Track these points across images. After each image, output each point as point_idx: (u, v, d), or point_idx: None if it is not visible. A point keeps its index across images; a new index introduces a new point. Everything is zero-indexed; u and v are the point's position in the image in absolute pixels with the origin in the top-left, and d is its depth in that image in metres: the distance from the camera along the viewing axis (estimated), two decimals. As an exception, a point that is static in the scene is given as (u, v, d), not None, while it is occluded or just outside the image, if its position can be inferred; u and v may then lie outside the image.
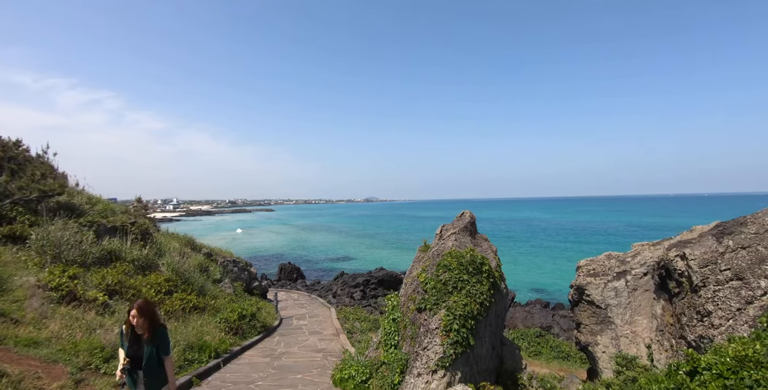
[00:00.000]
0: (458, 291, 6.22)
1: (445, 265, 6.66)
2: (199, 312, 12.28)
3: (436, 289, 6.34)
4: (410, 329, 6.53)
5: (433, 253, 7.57)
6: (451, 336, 5.53)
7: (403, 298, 7.66)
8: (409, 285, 7.80)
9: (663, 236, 10.28)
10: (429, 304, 6.24)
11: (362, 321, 16.03)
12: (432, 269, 6.98)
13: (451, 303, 6.02)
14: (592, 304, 9.21)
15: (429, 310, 6.21)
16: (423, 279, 6.87)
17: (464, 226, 8.35)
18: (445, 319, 5.73)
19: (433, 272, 6.86)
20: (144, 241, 15.47)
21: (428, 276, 6.82)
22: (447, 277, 6.43)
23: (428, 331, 5.90)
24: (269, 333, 13.80)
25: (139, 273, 13.23)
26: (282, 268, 44.62)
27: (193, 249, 19.12)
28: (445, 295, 6.17)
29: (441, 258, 7.02)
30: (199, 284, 14.17)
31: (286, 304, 21.29)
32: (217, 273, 17.26)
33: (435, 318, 5.96)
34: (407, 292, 7.62)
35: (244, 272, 21.00)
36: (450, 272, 6.50)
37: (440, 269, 6.68)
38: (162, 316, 11.08)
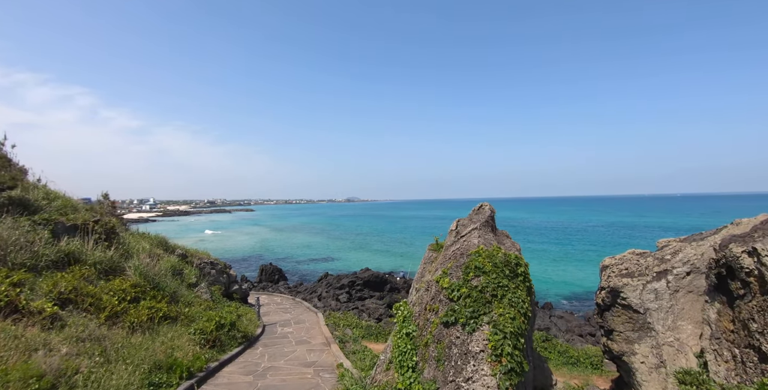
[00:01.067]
0: (499, 300, 4.95)
1: (477, 266, 5.37)
2: (170, 322, 10.72)
3: (471, 297, 5.04)
4: (434, 348, 5.22)
5: (453, 253, 6.27)
6: (504, 362, 4.26)
7: (418, 307, 6.34)
8: (423, 291, 6.48)
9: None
10: (462, 317, 4.94)
11: (354, 327, 14.65)
12: (457, 272, 5.68)
13: (496, 316, 4.74)
14: (629, 308, 8.07)
15: (464, 325, 4.91)
16: (447, 284, 5.56)
17: (485, 220, 7.09)
18: (492, 339, 4.45)
19: (460, 276, 5.56)
20: (109, 241, 13.74)
21: (455, 281, 5.52)
22: (483, 282, 5.14)
23: (467, 353, 4.59)
24: (251, 343, 12.28)
25: (102, 278, 11.58)
26: (263, 270, 42.76)
27: (166, 250, 17.40)
28: (483, 305, 4.89)
29: (468, 258, 5.73)
30: (171, 290, 12.57)
31: (269, 309, 19.70)
32: (193, 276, 15.61)
33: (476, 337, 4.66)
34: (423, 300, 6.30)
35: (223, 275, 19.34)
36: (486, 276, 5.22)
37: (471, 272, 5.39)
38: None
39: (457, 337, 4.94)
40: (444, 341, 5.10)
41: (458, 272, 5.69)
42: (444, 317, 5.21)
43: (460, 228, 7.22)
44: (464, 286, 5.28)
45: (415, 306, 6.47)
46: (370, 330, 14.07)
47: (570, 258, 60.89)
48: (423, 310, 6.10)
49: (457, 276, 5.63)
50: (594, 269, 49.47)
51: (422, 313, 6.08)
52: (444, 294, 5.57)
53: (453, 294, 5.35)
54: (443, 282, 5.70)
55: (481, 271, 5.33)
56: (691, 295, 7.84)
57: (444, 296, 5.56)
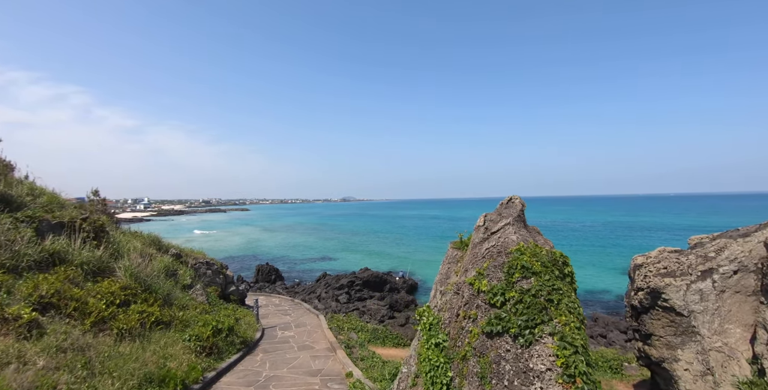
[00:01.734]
0: (555, 306, 4.17)
1: (524, 266, 4.59)
2: (163, 328, 9.88)
3: (524, 303, 4.25)
4: (476, 363, 4.43)
5: (488, 251, 5.48)
6: (580, 384, 3.48)
7: (447, 313, 5.55)
8: (452, 295, 5.69)
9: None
10: (513, 326, 4.15)
11: (359, 331, 13.84)
12: (496, 273, 4.90)
13: (560, 326, 3.96)
14: (671, 311, 7.33)
15: (516, 336, 4.12)
16: (487, 287, 4.78)
17: (517, 215, 6.32)
18: (561, 355, 3.66)
19: (501, 277, 4.78)
20: (98, 240, 12.86)
21: (496, 283, 4.74)
22: (535, 285, 4.36)
23: (527, 372, 3.80)
24: (250, 349, 11.46)
25: (90, 279, 10.73)
26: (259, 270, 41.84)
27: (159, 249, 16.51)
28: (539, 312, 4.11)
29: (509, 257, 4.95)
30: (164, 292, 11.73)
31: (267, 310, 18.86)
32: (188, 277, 14.75)
33: (537, 351, 3.87)
34: (453, 305, 5.51)
35: (219, 275, 18.48)
36: (537, 278, 4.44)
37: (516, 273, 4.60)
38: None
39: (507, 350, 4.16)
40: (488, 355, 4.32)
41: (498, 273, 4.90)
42: (487, 326, 4.43)
43: (489, 224, 6.44)
44: (511, 289, 4.49)
45: (443, 312, 5.68)
46: (376, 334, 13.28)
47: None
48: (454, 317, 5.32)
49: (497, 278, 4.84)
50: (594, 269, 48.92)
51: (454, 321, 5.30)
52: (483, 298, 4.79)
53: (495, 299, 4.56)
54: (480, 284, 4.92)
55: (529, 272, 4.54)
56: (738, 295, 7.12)
57: (483, 301, 4.78)
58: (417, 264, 55.85)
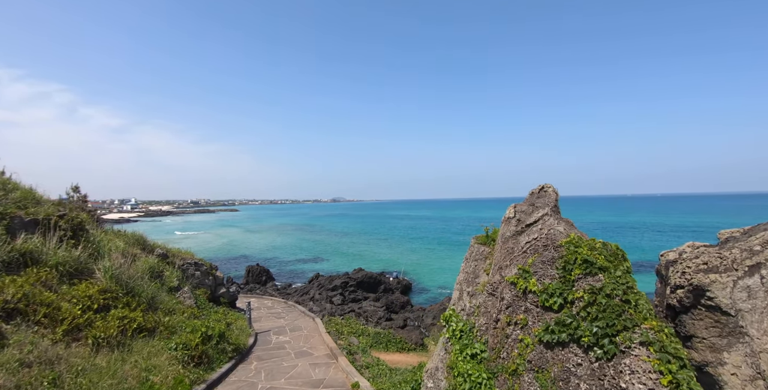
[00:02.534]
0: (635, 308, 3.39)
1: (587, 260, 3.80)
2: (146, 335, 8.92)
3: (598, 305, 3.47)
4: (533, 379, 3.63)
5: (529, 245, 4.68)
6: None
7: (483, 318, 4.74)
8: (486, 297, 4.87)
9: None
10: (585, 334, 3.37)
11: (359, 335, 12.97)
12: (547, 269, 4.11)
13: (654, 334, 3.17)
14: (716, 309, 6.55)
15: (590, 346, 3.33)
16: (537, 287, 3.99)
17: (554, 204, 5.53)
18: (666, 370, 2.87)
19: (555, 275, 3.99)
20: (76, 239, 11.83)
21: (549, 282, 3.93)
22: (607, 283, 3.56)
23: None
24: (243, 357, 10.53)
25: (66, 282, 9.72)
26: (250, 271, 40.66)
27: (144, 249, 15.46)
28: (618, 316, 3.31)
29: (560, 251, 4.14)
30: (148, 295, 10.73)
31: (260, 313, 17.88)
32: (174, 279, 13.75)
33: (629, 366, 3.06)
34: (490, 308, 4.70)
35: (209, 277, 17.45)
36: (608, 275, 3.66)
37: (576, 268, 3.83)
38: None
39: (577, 364, 3.36)
40: (550, 370, 3.52)
41: (549, 270, 4.10)
42: (545, 335, 3.63)
43: (521, 215, 5.62)
44: (571, 288, 3.68)
45: (476, 317, 4.86)
46: (379, 338, 12.43)
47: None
48: (493, 323, 4.50)
49: (549, 275, 4.04)
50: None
51: (493, 327, 4.48)
52: (532, 300, 3.98)
53: (552, 301, 3.77)
54: (527, 284, 4.12)
55: (595, 268, 3.75)
56: (789, 292, 6.41)
57: (533, 304, 3.97)
58: (410, 264, 55.09)
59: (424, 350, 12.20)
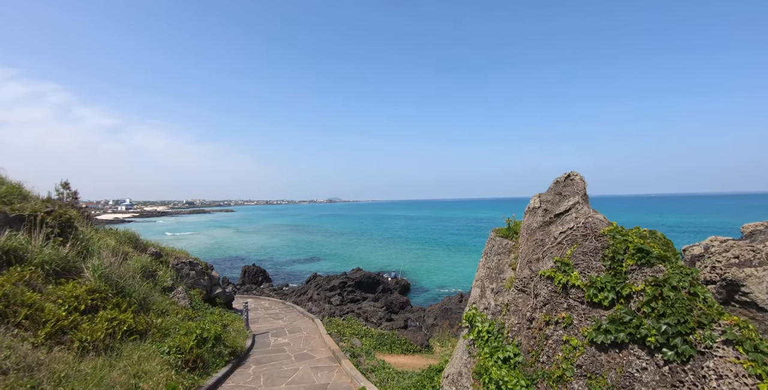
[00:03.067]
0: (704, 302, 2.89)
1: (641, 249, 3.32)
2: (137, 338, 8.34)
3: (666, 299, 2.96)
4: (584, 386, 3.12)
5: (565, 235, 4.17)
6: None
7: (514, 317, 4.22)
8: (516, 294, 4.36)
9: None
10: (649, 332, 2.86)
11: (362, 336, 12.42)
12: (592, 260, 3.62)
13: (738, 331, 2.67)
14: (752, 305, 6.05)
15: (656, 348, 2.82)
16: (581, 281, 3.50)
17: (584, 193, 5.02)
18: (764, 375, 2.37)
19: (601, 266, 3.48)
20: (65, 236, 11.26)
21: (596, 275, 3.43)
22: (670, 274, 3.06)
23: None
24: (241, 360, 9.96)
25: (52, 281, 9.13)
26: (246, 271, 40.00)
27: (137, 248, 14.87)
28: (689, 312, 2.80)
29: (603, 240, 3.65)
30: (140, 295, 10.15)
31: (257, 314, 17.30)
32: (168, 279, 13.15)
33: (713, 369, 2.56)
34: (522, 306, 4.19)
35: (204, 276, 16.85)
36: (669, 265, 3.16)
37: (628, 259, 3.33)
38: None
39: (642, 368, 2.86)
40: (606, 375, 3.02)
41: (594, 261, 3.60)
42: (598, 335, 3.14)
43: (548, 205, 5.11)
44: (624, 281, 3.18)
45: (506, 316, 4.34)
46: (383, 339, 11.89)
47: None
48: (526, 323, 3.99)
49: (595, 267, 3.54)
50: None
51: (527, 327, 3.97)
52: (576, 296, 3.48)
53: (602, 296, 3.27)
54: (568, 278, 3.62)
55: (653, 258, 3.25)
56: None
57: (577, 300, 3.47)
58: (407, 264, 54.59)
59: (430, 352, 11.68)
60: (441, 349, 12.02)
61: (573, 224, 4.23)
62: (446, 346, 12.32)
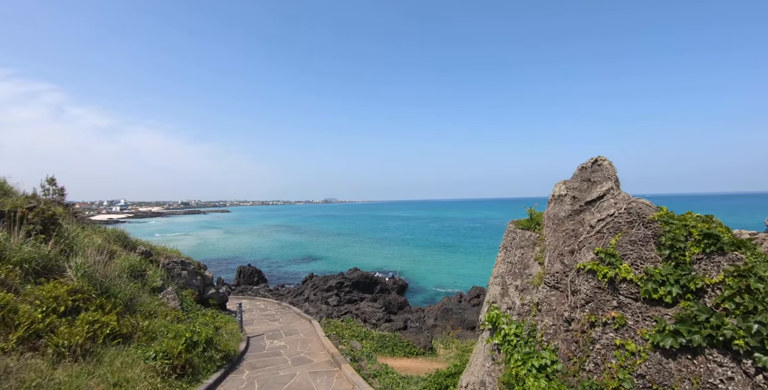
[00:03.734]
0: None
1: (709, 234, 2.81)
2: (121, 342, 7.71)
3: (754, 294, 2.41)
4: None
5: (605, 223, 3.62)
6: None
7: (549, 319, 3.66)
8: (548, 291, 3.79)
9: None
10: (739, 333, 2.32)
11: (362, 338, 11.82)
12: (643, 250, 3.09)
13: None
14: None
15: (750, 353, 2.28)
16: (634, 274, 2.93)
17: (615, 178, 4.49)
18: None
19: (657, 256, 2.93)
20: (47, 234, 10.63)
21: (652, 266, 2.88)
22: (758, 264, 2.52)
23: None
24: (234, 365, 9.34)
25: (31, 281, 8.50)
26: (241, 271, 39.28)
27: (125, 246, 14.20)
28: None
29: (658, 226, 3.11)
30: (126, 296, 9.53)
31: (252, 316, 16.65)
32: (158, 278, 12.50)
33: None
34: (555, 305, 3.63)
35: (197, 277, 16.19)
36: (749, 253, 2.63)
37: (692, 246, 2.81)
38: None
39: (728, 377, 2.32)
40: (678, 386, 2.47)
41: (644, 251, 3.06)
42: (665, 337, 2.61)
43: (576, 192, 4.55)
44: (699, 272, 2.62)
45: (537, 317, 3.77)
46: (384, 341, 11.30)
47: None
48: (564, 324, 3.43)
49: (648, 258, 3.01)
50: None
51: (564, 329, 3.41)
52: (628, 291, 2.95)
53: (663, 290, 2.75)
54: (617, 270, 3.07)
55: (726, 244, 2.71)
56: None
57: (629, 295, 2.93)
58: (404, 264, 54.00)
59: (433, 354, 11.11)
60: (445, 352, 11.45)
61: (613, 210, 3.67)
62: (450, 349, 11.75)
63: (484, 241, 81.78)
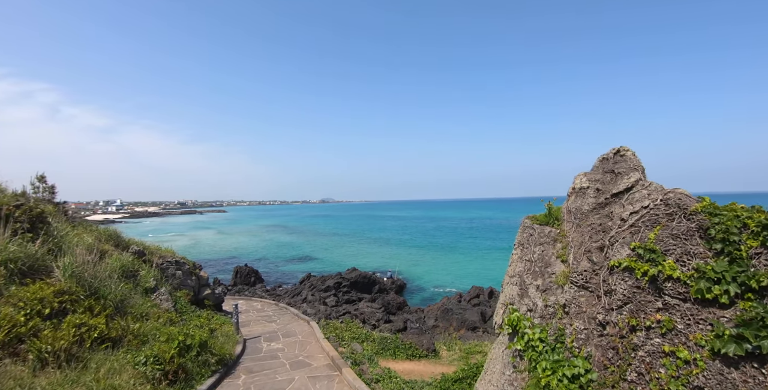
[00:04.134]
0: None
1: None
2: (110, 346, 7.30)
3: None
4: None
5: (639, 216, 3.26)
6: None
7: (580, 323, 3.30)
8: (576, 291, 3.42)
9: None
10: None
11: (363, 340, 11.45)
12: (685, 244, 2.74)
13: None
14: None
15: None
16: (677, 271, 2.58)
17: (642, 168, 4.14)
18: None
19: (706, 252, 2.58)
20: (35, 232, 10.24)
21: (702, 262, 2.52)
22: None
23: None
24: (229, 369, 8.95)
25: (16, 281, 8.11)
26: (238, 272, 38.80)
27: (118, 246, 13.77)
28: None
29: (702, 218, 2.77)
30: (117, 297, 9.11)
31: (248, 317, 16.24)
32: (151, 279, 12.07)
33: None
34: (585, 307, 3.26)
35: (191, 277, 15.77)
36: None
37: (749, 239, 2.48)
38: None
39: None
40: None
41: (689, 245, 2.69)
42: (727, 344, 2.28)
43: (600, 184, 4.20)
44: (760, 267, 2.27)
45: (566, 320, 3.41)
46: (385, 343, 10.92)
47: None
48: (597, 328, 3.08)
49: (696, 253, 2.64)
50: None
51: (598, 334, 3.04)
52: (675, 291, 2.61)
53: (718, 289, 2.40)
54: (660, 267, 2.72)
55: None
56: None
57: (676, 296, 2.59)
58: (402, 264, 53.67)
59: (437, 357, 10.74)
60: (448, 354, 11.09)
61: (648, 202, 3.32)
62: (453, 350, 11.38)
63: (481, 242, 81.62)
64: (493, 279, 43.57)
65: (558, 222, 4.61)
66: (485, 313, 22.01)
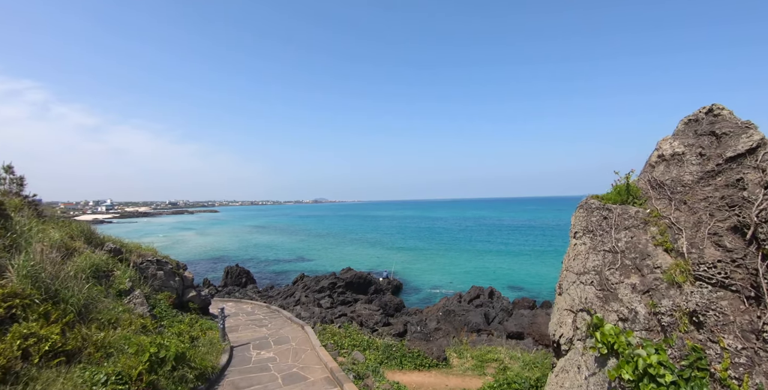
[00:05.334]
0: None
1: None
2: (64, 361, 6.04)
3: None
4: None
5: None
6: None
7: (731, 339, 2.11)
8: (710, 291, 2.26)
9: None
10: None
11: (365, 348, 10.24)
12: None
13: None
14: None
15: None
16: None
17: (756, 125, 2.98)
18: None
19: None
20: (-8, 228, 8.95)
21: None
22: None
23: None
24: (212, 385, 7.72)
25: (-38, 283, 6.80)
26: (228, 272, 37.40)
27: (90, 243, 12.43)
28: None
29: None
30: (80, 302, 7.82)
31: (237, 321, 14.99)
32: (126, 280, 10.77)
33: None
34: (733, 313, 2.10)
35: (174, 277, 14.47)
36: None
37: None
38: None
39: None
40: None
41: None
42: None
43: (698, 148, 3.05)
44: None
45: (702, 335, 2.25)
46: (391, 352, 9.73)
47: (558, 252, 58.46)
48: (763, 346, 1.89)
49: None
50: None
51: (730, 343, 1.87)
52: None
53: None
54: None
55: None
56: None
57: None
58: (397, 264, 52.53)
59: (447, 366, 9.60)
60: (459, 362, 9.94)
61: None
62: (465, 358, 10.24)
63: (476, 242, 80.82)
64: (492, 279, 42.64)
65: (638, 200, 3.46)
66: (488, 314, 20.93)
